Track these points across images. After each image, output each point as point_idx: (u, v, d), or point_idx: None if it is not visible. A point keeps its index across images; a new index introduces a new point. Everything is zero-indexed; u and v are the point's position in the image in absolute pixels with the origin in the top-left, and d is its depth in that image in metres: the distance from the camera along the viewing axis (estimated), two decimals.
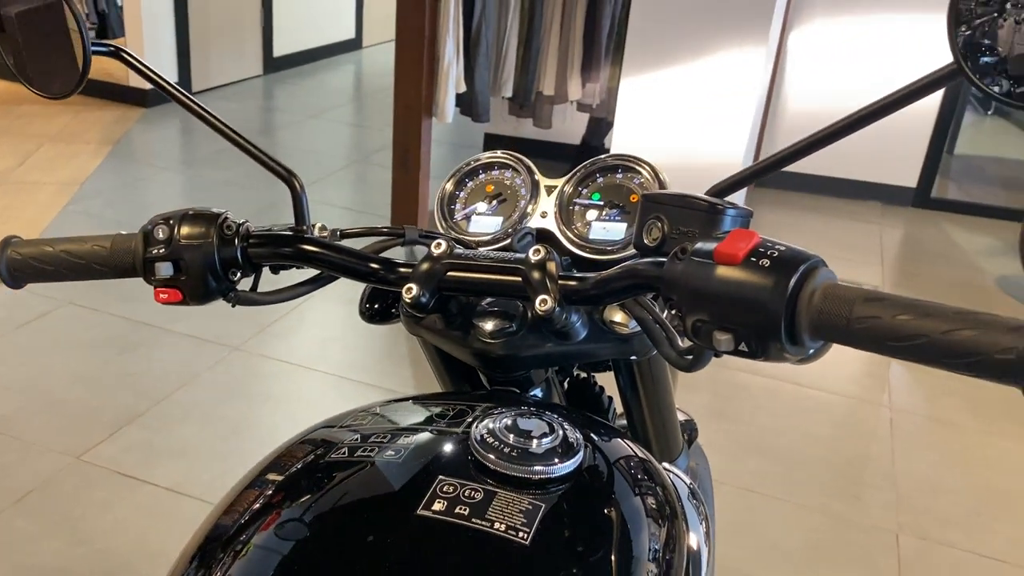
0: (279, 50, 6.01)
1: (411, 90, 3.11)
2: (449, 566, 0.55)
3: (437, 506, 0.56)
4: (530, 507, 0.56)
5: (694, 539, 0.71)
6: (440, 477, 0.59)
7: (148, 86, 1.53)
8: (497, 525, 0.55)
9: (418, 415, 0.73)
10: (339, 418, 0.70)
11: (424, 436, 0.66)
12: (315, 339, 2.72)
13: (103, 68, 4.53)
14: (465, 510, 0.56)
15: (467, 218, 0.85)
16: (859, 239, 3.96)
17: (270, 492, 0.62)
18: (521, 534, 0.55)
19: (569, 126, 4.09)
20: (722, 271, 0.56)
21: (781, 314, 0.54)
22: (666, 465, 0.79)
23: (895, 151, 4.26)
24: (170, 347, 2.56)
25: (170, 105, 3.78)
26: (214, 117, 0.77)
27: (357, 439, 0.65)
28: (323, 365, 2.55)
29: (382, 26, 6.58)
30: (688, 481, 0.82)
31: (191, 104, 0.76)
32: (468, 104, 3.53)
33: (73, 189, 3.69)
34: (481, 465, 0.59)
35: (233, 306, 0.76)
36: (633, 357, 0.82)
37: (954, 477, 2.30)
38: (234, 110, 5.13)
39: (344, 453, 0.64)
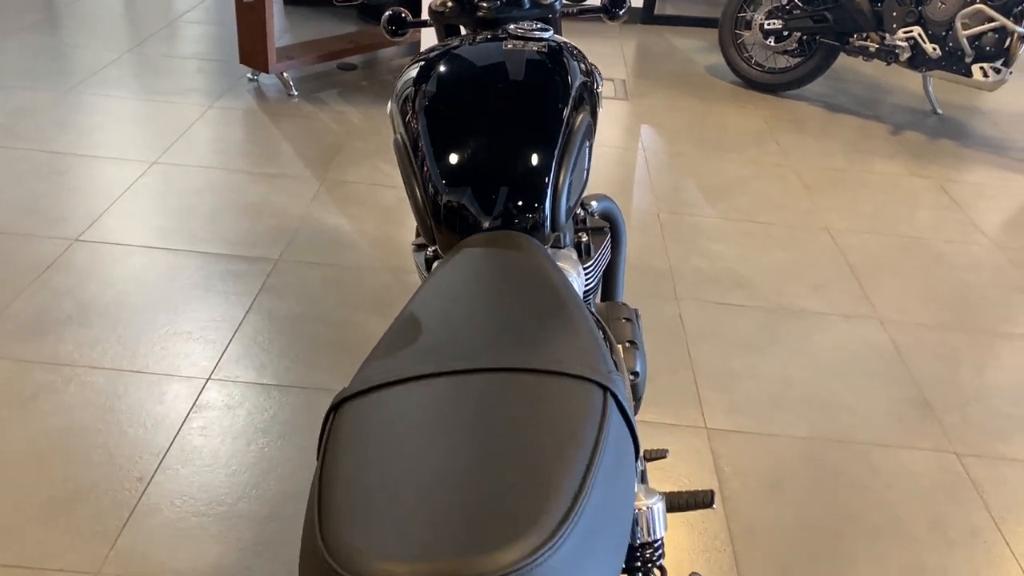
0: None
1: None
2: (526, 63, 1.41)
3: (508, 45, 1.42)
4: (535, 47, 1.45)
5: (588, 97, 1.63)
6: (505, 40, 1.45)
7: None
8: (530, 46, 1.43)
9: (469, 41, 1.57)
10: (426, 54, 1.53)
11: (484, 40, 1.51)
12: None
13: None
14: (521, 44, 1.43)
15: None
16: (606, 50, 5.04)
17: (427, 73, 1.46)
18: (539, 51, 1.43)
19: None
20: None
21: None
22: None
23: None
24: None
25: None
26: None
27: (450, 52, 1.49)
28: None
29: None
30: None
31: None
32: None
33: None
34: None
35: None
36: None
37: (688, 181, 3.46)
38: None
39: (449, 56, 1.48)
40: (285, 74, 3.94)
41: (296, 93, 3.95)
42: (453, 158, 1.26)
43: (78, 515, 1.73)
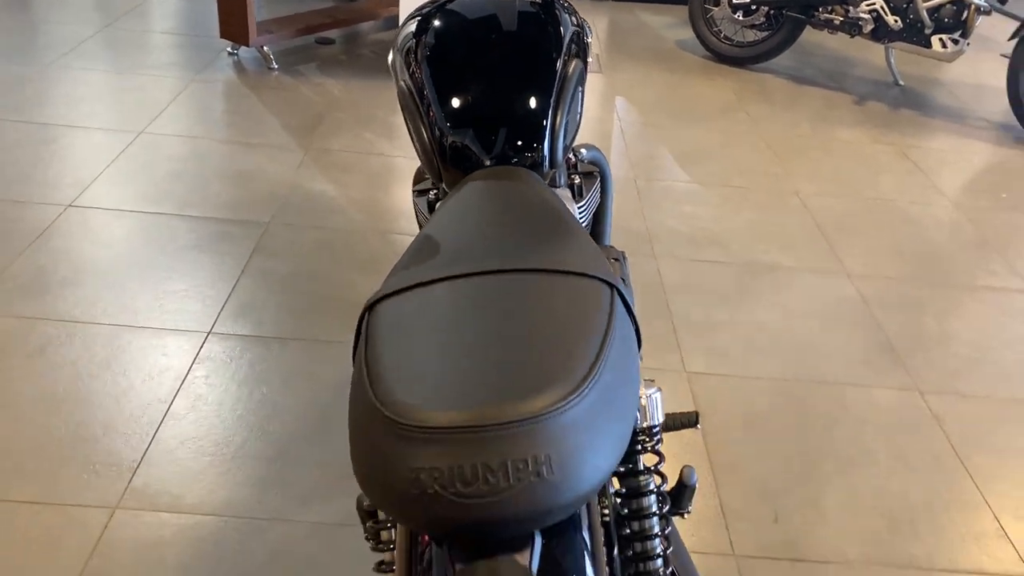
0: None
1: None
2: (519, 14, 1.51)
3: None
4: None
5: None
6: None
7: None
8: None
9: None
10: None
11: None
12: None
13: None
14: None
15: None
16: None
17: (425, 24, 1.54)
18: (532, 4, 1.52)
19: None
20: None
21: None
22: None
23: None
24: None
25: None
26: None
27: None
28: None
29: None
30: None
31: None
32: None
33: None
34: None
35: None
36: None
37: (663, 149, 3.57)
38: None
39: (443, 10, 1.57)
40: (265, 48, 3.99)
41: (276, 67, 4.00)
42: (456, 102, 1.35)
43: (93, 456, 1.81)
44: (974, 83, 4.72)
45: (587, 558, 0.84)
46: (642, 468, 1.01)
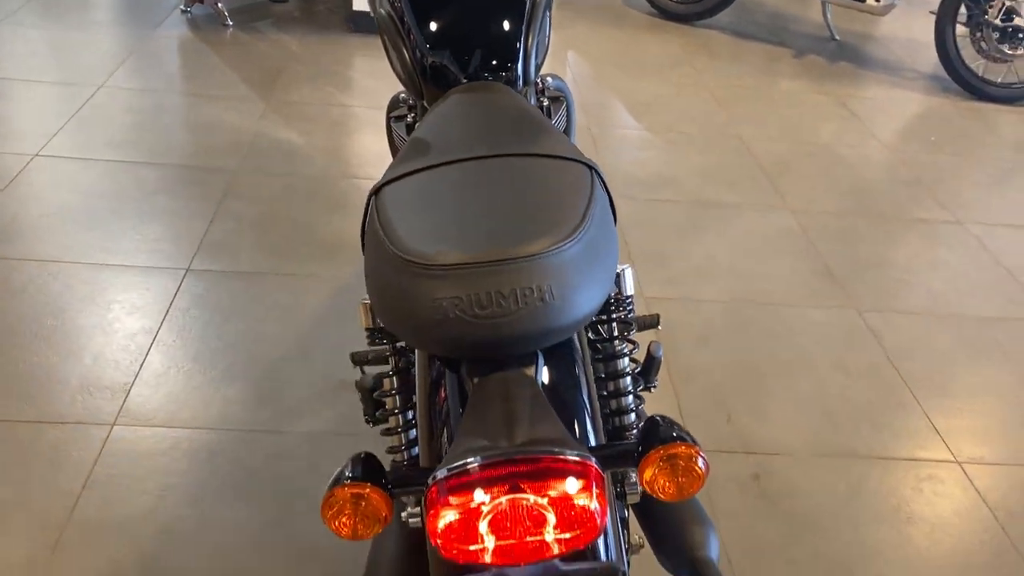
0: None
1: None
2: None
3: None
4: None
5: None
6: None
7: None
8: None
9: None
10: None
11: None
12: None
13: None
14: None
15: None
16: None
17: None
18: None
19: None
20: None
21: None
22: None
23: None
24: None
25: None
26: None
27: None
28: None
29: None
30: None
31: None
32: None
33: None
34: None
35: None
36: None
37: (615, 100, 3.71)
38: None
39: None
40: (220, 4, 4.01)
41: (231, 23, 4.02)
42: (434, 24, 1.47)
43: (86, 381, 1.90)
44: (906, 38, 4.95)
45: (581, 379, 0.98)
46: (616, 334, 1.14)
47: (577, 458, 0.73)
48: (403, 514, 1.02)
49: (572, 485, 0.72)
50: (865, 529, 1.75)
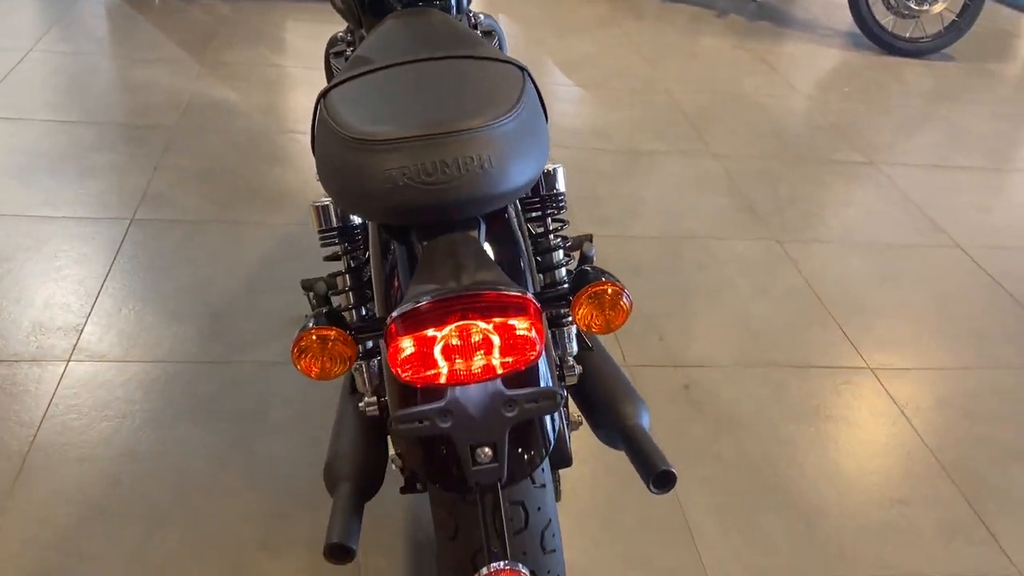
0: None
1: None
2: None
3: None
4: None
5: None
6: None
7: None
8: None
9: None
10: None
11: None
12: None
13: None
14: None
15: None
16: None
17: None
18: None
19: None
20: None
21: None
22: None
23: None
24: None
25: None
26: None
27: None
28: None
29: None
30: None
31: None
32: None
33: None
34: None
35: None
36: None
37: (547, 59, 3.81)
38: None
39: None
40: None
41: None
42: None
43: (39, 321, 1.93)
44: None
45: (520, 248, 1.08)
46: (551, 228, 1.25)
47: (518, 293, 0.83)
48: (360, 404, 1.11)
49: (513, 316, 0.83)
50: (786, 428, 1.90)
